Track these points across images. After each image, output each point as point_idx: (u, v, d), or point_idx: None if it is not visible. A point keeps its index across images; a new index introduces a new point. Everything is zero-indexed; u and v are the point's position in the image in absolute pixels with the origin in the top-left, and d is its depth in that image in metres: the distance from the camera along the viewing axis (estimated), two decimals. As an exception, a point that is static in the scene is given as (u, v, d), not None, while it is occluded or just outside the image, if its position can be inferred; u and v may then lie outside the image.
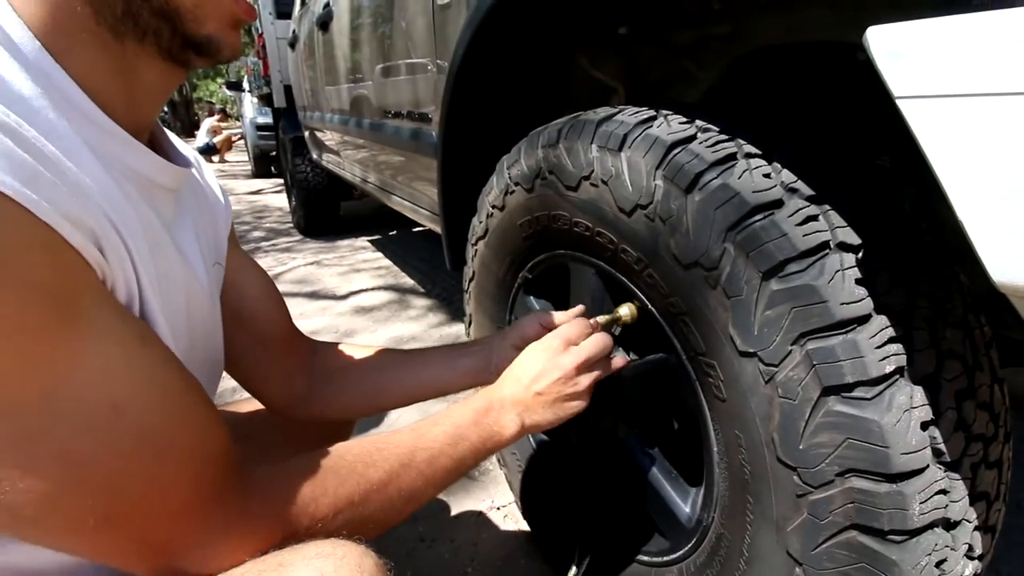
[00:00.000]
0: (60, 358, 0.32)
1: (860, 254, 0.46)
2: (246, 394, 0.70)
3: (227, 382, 0.65)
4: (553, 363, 0.58)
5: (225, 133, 8.98)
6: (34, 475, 0.32)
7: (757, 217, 0.47)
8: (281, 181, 5.10)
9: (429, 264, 2.83)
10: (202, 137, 8.95)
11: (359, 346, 0.73)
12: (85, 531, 0.34)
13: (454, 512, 1.11)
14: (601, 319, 0.66)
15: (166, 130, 0.50)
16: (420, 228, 3.52)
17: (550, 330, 0.64)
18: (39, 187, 0.30)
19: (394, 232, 3.60)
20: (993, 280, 0.31)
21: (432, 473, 0.49)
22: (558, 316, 0.69)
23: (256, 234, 3.83)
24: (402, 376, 0.68)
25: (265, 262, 3.05)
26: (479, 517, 1.10)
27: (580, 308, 0.69)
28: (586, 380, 0.59)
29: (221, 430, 0.40)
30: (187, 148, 0.53)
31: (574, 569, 0.78)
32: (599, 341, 0.61)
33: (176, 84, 0.45)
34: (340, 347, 0.72)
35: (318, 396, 0.67)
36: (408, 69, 1.37)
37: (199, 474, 0.37)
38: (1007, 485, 0.50)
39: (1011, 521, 1.00)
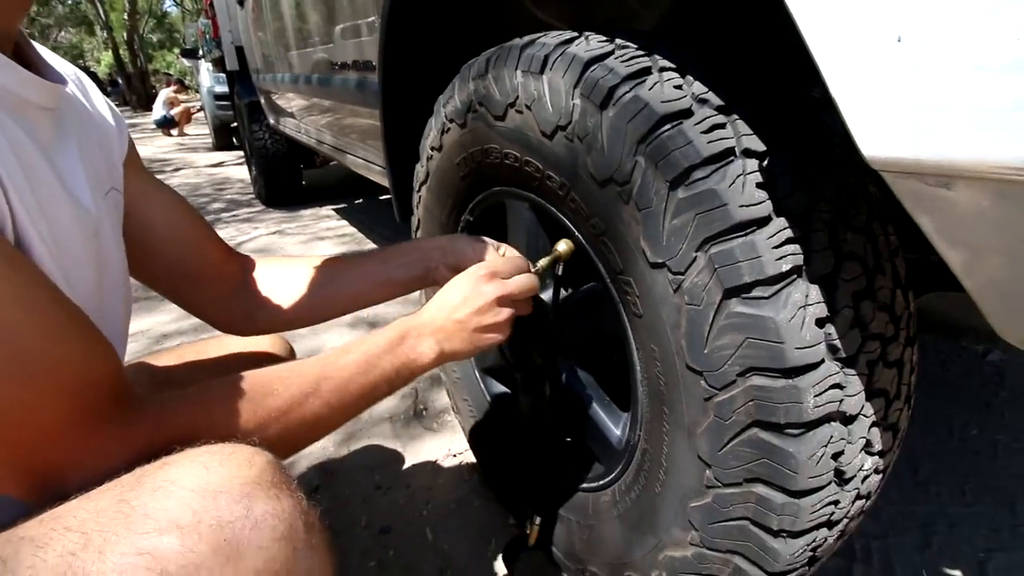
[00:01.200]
0: None
1: (765, 161, 0.46)
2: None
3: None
4: (475, 291, 0.58)
5: (183, 105, 8.60)
6: None
7: (666, 127, 0.47)
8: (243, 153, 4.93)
9: (394, 230, 2.79)
10: (158, 110, 8.55)
11: (296, 259, 0.73)
12: None
13: (411, 461, 1.12)
14: (542, 262, 0.65)
15: (38, 45, 0.47)
16: (386, 196, 3.46)
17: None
18: None
19: (360, 200, 3.53)
20: (863, 155, 0.32)
21: (340, 400, 0.49)
22: (494, 248, 0.69)
23: (216, 205, 3.72)
24: (340, 290, 0.69)
25: (225, 232, 2.97)
26: (435, 465, 1.11)
27: (520, 258, 0.68)
28: (505, 313, 0.59)
29: (104, 353, 0.40)
30: (65, 65, 0.50)
31: (533, 519, 0.79)
32: (525, 280, 0.61)
33: None
34: (276, 264, 0.72)
35: (259, 314, 0.68)
36: (352, 17, 1.32)
37: (75, 397, 0.37)
38: (910, 387, 0.51)
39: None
